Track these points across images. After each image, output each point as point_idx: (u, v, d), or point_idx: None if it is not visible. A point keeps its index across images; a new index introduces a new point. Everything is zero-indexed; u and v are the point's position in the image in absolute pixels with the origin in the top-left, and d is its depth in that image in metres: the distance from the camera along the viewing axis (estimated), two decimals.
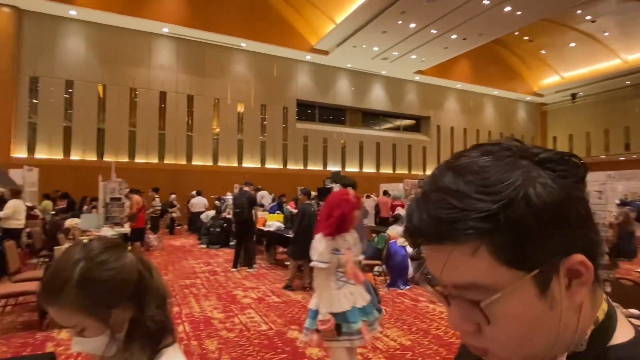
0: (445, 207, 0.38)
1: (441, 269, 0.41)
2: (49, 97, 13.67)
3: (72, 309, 0.78)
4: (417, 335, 4.12)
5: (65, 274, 0.79)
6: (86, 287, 0.78)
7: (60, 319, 0.80)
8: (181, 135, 15.66)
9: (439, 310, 4.98)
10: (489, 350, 0.41)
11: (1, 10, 12.85)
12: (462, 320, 0.41)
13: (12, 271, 4.74)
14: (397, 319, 4.66)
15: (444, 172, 0.41)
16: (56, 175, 12.55)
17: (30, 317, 4.50)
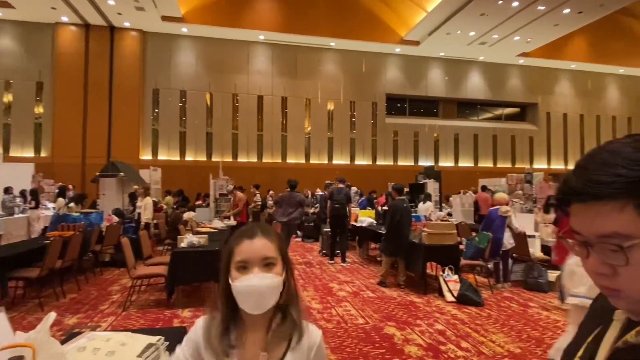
0: (605, 174, 0.48)
1: (591, 222, 0.50)
2: (167, 107, 15.68)
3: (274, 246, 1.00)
4: (529, 343, 3.76)
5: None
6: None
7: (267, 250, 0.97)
8: (277, 135, 16.60)
9: (554, 319, 4.48)
10: (622, 291, 0.50)
11: (130, 35, 15.11)
12: (600, 264, 0.50)
13: (145, 256, 5.57)
14: (503, 324, 4.31)
15: (598, 151, 0.52)
16: (174, 174, 14.38)
17: (159, 296, 5.24)
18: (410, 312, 4.69)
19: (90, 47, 14.68)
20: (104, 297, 5.23)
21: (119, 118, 14.80)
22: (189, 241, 5.13)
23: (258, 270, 0.94)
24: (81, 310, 4.64)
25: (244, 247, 0.96)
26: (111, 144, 14.76)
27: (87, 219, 6.92)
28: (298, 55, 16.71)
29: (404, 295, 5.44)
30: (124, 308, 4.70)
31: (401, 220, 5.89)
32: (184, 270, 4.73)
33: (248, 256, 0.95)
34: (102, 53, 14.77)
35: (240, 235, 1.00)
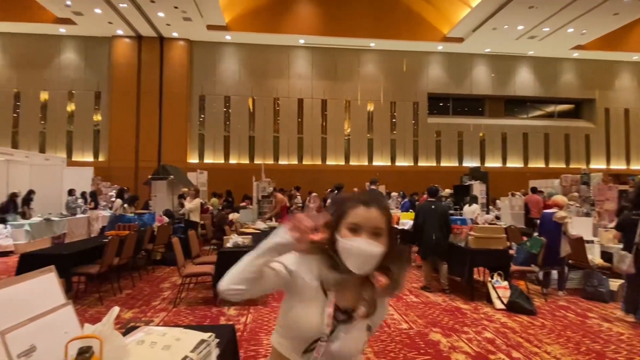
0: None
1: None
2: (213, 112, 16.32)
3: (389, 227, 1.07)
4: (589, 356, 3.50)
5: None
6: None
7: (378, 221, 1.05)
8: (317, 138, 16.73)
9: (617, 331, 4.14)
10: None
11: (178, 44, 15.90)
12: None
13: (193, 255, 5.82)
14: (558, 334, 4.05)
15: None
16: (219, 177, 14.92)
17: (207, 294, 5.44)
18: (456, 319, 4.53)
19: (142, 58, 15.62)
20: (155, 294, 5.52)
21: (168, 124, 15.61)
22: (234, 241, 5.29)
23: (367, 236, 1.02)
24: (136, 305, 4.93)
25: (360, 212, 1.04)
26: (161, 148, 15.59)
27: (140, 219, 7.35)
28: (338, 58, 16.76)
29: (449, 301, 5.26)
30: (175, 304, 4.93)
31: (425, 221, 5.74)
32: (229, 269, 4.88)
33: (361, 221, 1.03)
34: (153, 63, 15.66)
35: (358, 200, 1.07)
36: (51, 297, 1.69)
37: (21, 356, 1.39)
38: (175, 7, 13.09)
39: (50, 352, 1.47)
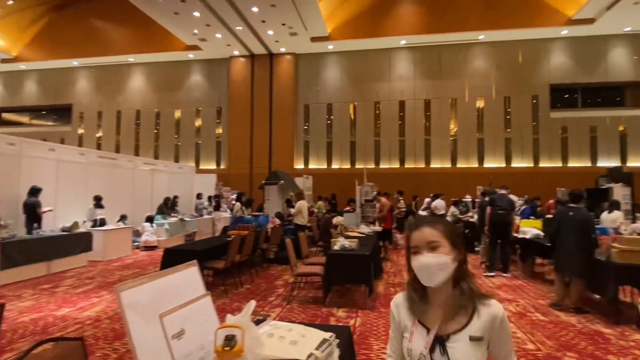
0: None
1: None
2: (316, 120, 17.04)
3: (445, 232, 1.20)
4: None
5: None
6: (449, 224, 1.27)
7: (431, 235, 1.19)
8: (420, 140, 16.17)
9: None
10: None
11: (285, 58, 17.02)
12: None
13: (303, 256, 6.12)
14: None
15: None
16: (323, 181, 15.49)
17: (316, 294, 5.66)
18: (597, 344, 3.88)
19: (255, 74, 17.14)
20: (271, 290, 5.95)
21: (277, 133, 16.81)
22: (341, 244, 5.40)
23: (425, 252, 1.17)
24: (255, 300, 5.38)
25: (414, 236, 1.22)
26: (271, 155, 16.85)
27: (256, 220, 8.04)
28: (442, 55, 15.98)
29: (586, 323, 4.53)
30: (288, 302, 5.25)
31: (560, 230, 4.97)
32: (338, 271, 5.00)
33: (416, 242, 1.20)
34: (264, 77, 17.06)
35: (410, 227, 1.27)
36: (195, 288, 1.93)
37: (174, 337, 1.61)
38: (282, 24, 14.08)
39: (195, 336, 1.69)
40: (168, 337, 1.58)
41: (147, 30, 16.42)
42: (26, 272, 6.47)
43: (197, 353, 1.64)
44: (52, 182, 8.33)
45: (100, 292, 5.71)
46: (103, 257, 8.25)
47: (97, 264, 7.87)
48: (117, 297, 1.43)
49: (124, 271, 7.29)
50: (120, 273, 7.10)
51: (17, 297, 5.39)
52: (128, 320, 1.42)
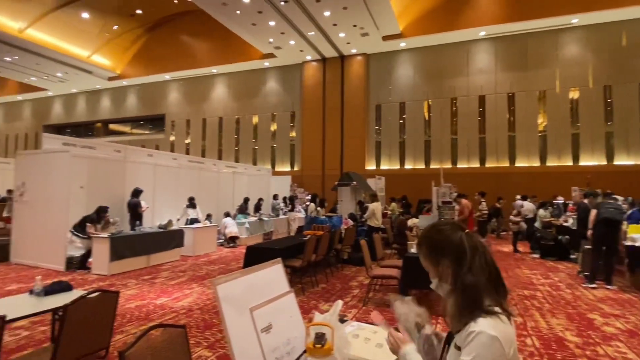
0: None
1: None
2: (388, 119, 16.75)
3: (422, 256, 1.29)
4: None
5: (422, 233, 1.34)
6: (425, 242, 1.28)
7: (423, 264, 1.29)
8: (502, 137, 15.03)
9: None
10: None
11: (356, 60, 17.03)
12: None
13: (378, 258, 6.04)
14: None
15: None
16: (396, 182, 15.17)
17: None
18: None
19: (326, 77, 17.43)
20: (346, 291, 5.97)
21: (349, 134, 16.87)
22: None
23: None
24: (331, 299, 5.45)
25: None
26: (343, 157, 16.96)
27: (330, 221, 8.14)
28: (528, 44, 14.67)
29: None
30: (364, 303, 5.22)
31: None
32: (416, 275, 4.84)
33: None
34: (335, 80, 17.26)
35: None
36: (280, 284, 2.00)
37: (263, 331, 1.69)
38: (354, 26, 14.12)
39: (282, 331, 1.75)
40: (258, 330, 1.66)
41: (227, 42, 17.64)
42: (130, 264, 7.33)
43: (284, 348, 1.70)
44: (150, 184, 9.34)
45: (192, 285, 6.25)
46: (193, 253, 9.02)
47: (187, 259, 8.63)
48: (214, 290, 1.54)
49: (211, 266, 7.88)
50: (208, 268, 7.69)
51: (124, 286, 6.12)
52: (223, 312, 1.52)
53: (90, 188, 7.88)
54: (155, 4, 17.79)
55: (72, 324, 2.28)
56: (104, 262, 6.91)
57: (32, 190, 7.71)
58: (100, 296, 2.49)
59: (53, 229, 7.34)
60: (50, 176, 7.54)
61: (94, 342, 2.52)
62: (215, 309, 4.93)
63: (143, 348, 1.67)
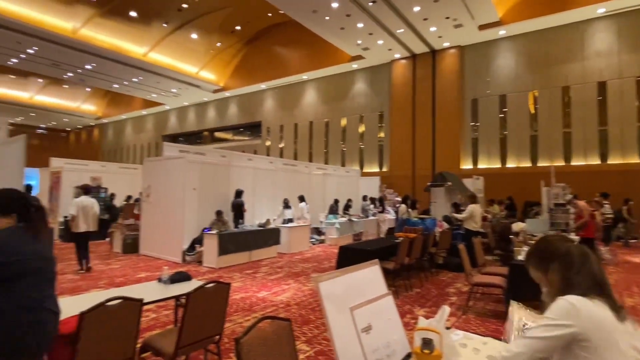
0: None
1: None
2: (486, 114, 15.53)
3: (532, 267, 1.41)
4: None
5: (530, 247, 1.46)
6: (534, 252, 1.39)
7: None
8: (629, 129, 12.82)
9: None
10: None
11: (449, 53, 16.15)
12: None
13: (479, 264, 5.63)
14: None
15: None
16: (496, 182, 13.98)
17: (495, 307, 5.12)
18: None
19: (416, 74, 16.87)
20: (442, 297, 5.69)
21: (441, 132, 16.07)
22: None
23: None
24: (426, 305, 5.25)
25: None
26: (435, 156, 16.22)
27: (423, 223, 7.84)
28: None
29: None
30: (464, 312, 4.91)
31: None
32: (524, 284, 4.38)
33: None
34: (425, 76, 16.61)
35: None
36: (378, 286, 1.99)
37: (363, 331, 1.69)
38: (446, 18, 13.43)
39: (382, 332, 1.73)
40: (358, 330, 1.68)
41: (317, 49, 18.22)
42: (235, 259, 8.02)
43: (384, 350, 1.68)
44: (249, 186, 10.10)
45: (288, 281, 6.58)
46: (288, 250, 9.50)
47: (283, 256, 9.12)
48: (316, 287, 1.60)
49: (305, 264, 8.21)
50: (302, 265, 8.02)
51: (230, 279, 6.71)
52: (326, 309, 1.57)
53: (201, 190, 8.83)
54: (251, 20, 19.22)
55: (193, 309, 2.58)
56: (213, 256, 7.67)
57: (156, 191, 8.93)
58: (215, 286, 2.77)
59: (172, 226, 8.39)
60: (170, 179, 8.65)
61: (210, 327, 2.81)
62: (311, 306, 5.11)
63: (254, 337, 1.81)
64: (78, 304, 2.34)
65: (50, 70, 20.33)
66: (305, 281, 6.56)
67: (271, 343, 1.92)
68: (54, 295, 2.02)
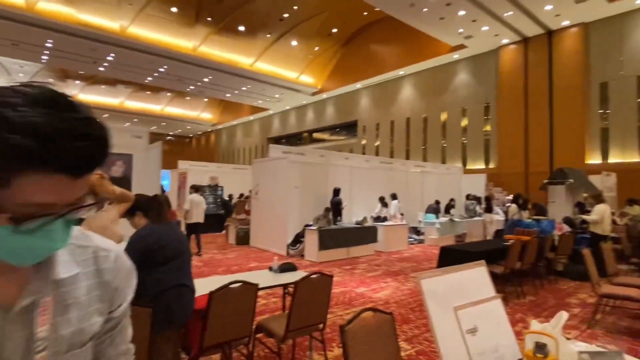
0: None
1: None
2: (619, 100, 13.22)
3: None
4: None
5: None
6: None
7: None
8: None
9: None
10: None
11: (569, 33, 14.16)
12: None
13: (609, 273, 4.89)
14: None
15: None
16: (632, 179, 11.82)
17: (631, 324, 4.40)
18: None
19: (528, 60, 15.20)
20: (562, 308, 5.08)
21: (560, 123, 14.20)
22: None
23: None
24: (542, 315, 4.75)
25: None
26: (553, 150, 14.40)
27: (538, 225, 7.08)
28: None
29: None
30: (589, 325, 4.33)
31: None
32: None
33: None
34: (540, 61, 14.85)
35: None
36: (484, 287, 1.91)
37: (468, 332, 1.65)
38: None
39: (489, 336, 1.67)
40: (463, 331, 1.65)
41: (414, 42, 17.70)
42: (334, 254, 8.31)
43: (491, 354, 1.63)
44: (347, 184, 10.33)
45: (387, 279, 6.58)
46: (385, 249, 9.48)
47: (381, 254, 9.12)
48: (418, 285, 1.62)
49: (403, 263, 8.10)
50: (400, 264, 7.93)
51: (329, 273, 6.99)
52: (428, 307, 1.59)
53: (302, 188, 9.34)
54: (347, 21, 19.54)
55: (300, 297, 2.80)
56: (314, 250, 8.08)
57: (263, 189, 9.74)
58: (319, 277, 2.97)
59: (277, 221, 9.06)
60: (275, 179, 9.35)
61: (315, 315, 3.01)
62: (410, 305, 5.05)
63: (358, 326, 1.91)
64: (205, 285, 2.74)
65: (176, 85, 23.57)
66: (404, 280, 6.48)
67: (374, 334, 2.00)
68: (190, 275, 2.46)
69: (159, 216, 2.48)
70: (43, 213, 0.52)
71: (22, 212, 0.50)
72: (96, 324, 0.67)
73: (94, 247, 0.71)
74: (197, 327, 2.49)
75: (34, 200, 0.50)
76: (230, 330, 2.59)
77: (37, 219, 0.52)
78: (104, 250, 0.72)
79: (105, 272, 0.70)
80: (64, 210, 0.53)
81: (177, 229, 2.66)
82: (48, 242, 0.55)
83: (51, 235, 0.54)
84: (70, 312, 0.63)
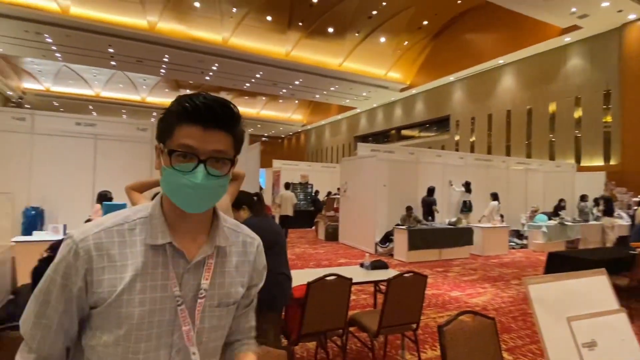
0: None
1: None
2: None
3: None
4: None
5: None
6: None
7: None
8: None
9: None
10: None
11: (637, 25, 11.52)
12: None
13: None
14: None
15: None
16: None
17: None
18: None
19: None
20: None
21: None
22: None
23: None
24: None
25: None
26: None
27: None
28: None
29: None
30: None
31: None
32: None
33: None
34: None
35: None
36: (604, 298, 1.72)
37: (585, 346, 1.50)
38: None
39: (610, 353, 1.50)
40: (578, 344, 1.51)
41: (515, 28, 16.14)
42: (424, 255, 8.06)
43: None
44: (439, 183, 9.91)
45: (484, 284, 6.18)
46: (482, 252, 8.87)
47: (477, 258, 8.57)
48: (525, 289, 1.53)
49: (503, 268, 7.50)
50: (500, 270, 7.36)
51: None
52: (537, 315, 1.48)
53: (391, 186, 9.24)
54: (439, 11, 18.65)
55: (393, 294, 2.82)
56: (403, 250, 7.94)
57: (351, 187, 9.88)
58: (413, 276, 2.94)
59: (365, 219, 9.12)
60: (363, 177, 9.41)
61: (408, 315, 2.99)
62: (512, 314, 4.69)
63: (456, 328, 1.86)
64: (301, 276, 2.91)
65: (270, 89, 25.10)
66: (504, 287, 6.00)
67: (474, 339, 1.93)
68: (287, 263, 2.67)
69: (260, 210, 2.73)
70: (190, 152, 0.76)
71: (179, 151, 0.76)
72: (239, 293, 0.90)
73: (243, 234, 0.96)
74: (297, 315, 2.68)
75: (184, 142, 0.75)
76: (326, 321, 2.72)
77: (186, 162, 0.76)
78: (250, 238, 0.98)
79: (250, 254, 0.96)
80: (202, 156, 0.75)
81: (274, 221, 2.92)
82: (194, 180, 0.75)
83: (196, 175, 0.75)
84: (224, 277, 0.87)
